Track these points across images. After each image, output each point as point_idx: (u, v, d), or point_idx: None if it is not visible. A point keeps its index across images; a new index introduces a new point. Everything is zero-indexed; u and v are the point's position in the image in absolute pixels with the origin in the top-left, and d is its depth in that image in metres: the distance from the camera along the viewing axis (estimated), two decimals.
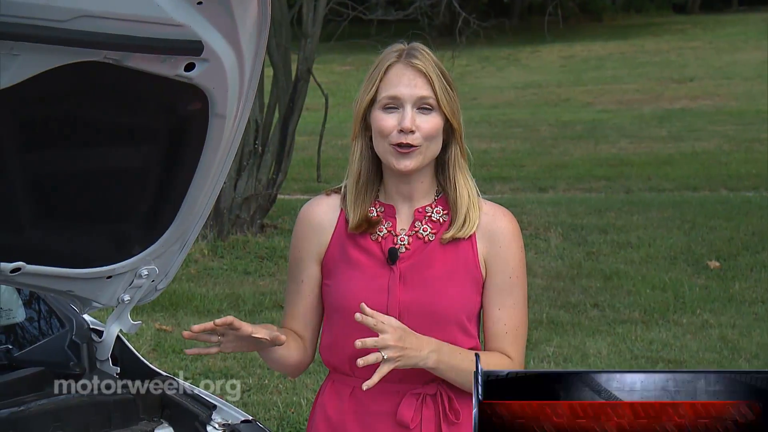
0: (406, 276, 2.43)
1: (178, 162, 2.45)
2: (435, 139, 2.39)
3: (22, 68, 1.96)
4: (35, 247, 2.42)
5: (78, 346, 2.74)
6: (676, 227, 11.04)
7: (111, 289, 2.64)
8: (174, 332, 7.47)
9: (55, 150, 2.30)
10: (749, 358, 6.81)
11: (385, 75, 2.39)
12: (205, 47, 2.10)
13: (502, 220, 2.51)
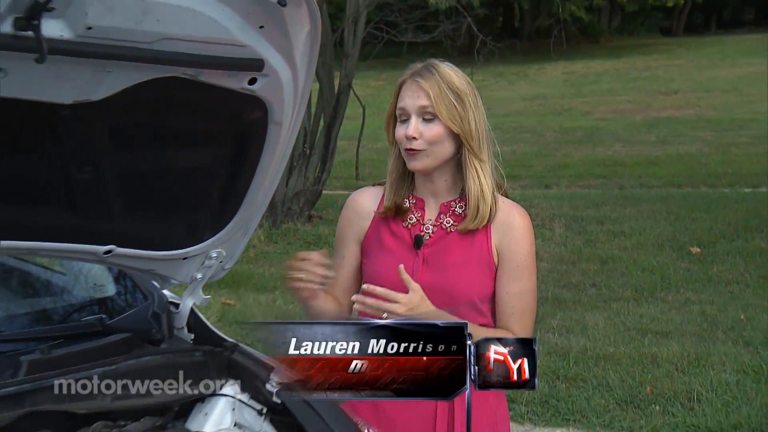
0: (428, 260, 2.45)
1: (242, 162, 2.46)
2: (439, 144, 2.40)
3: (114, 83, 1.98)
4: (124, 233, 2.43)
5: (159, 316, 2.75)
6: (663, 218, 10.98)
7: (186, 269, 2.65)
8: (236, 306, 7.51)
9: (140, 151, 2.31)
10: (725, 330, 6.75)
11: (400, 91, 2.44)
12: (265, 64, 2.12)
13: (516, 216, 2.51)
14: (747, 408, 5.28)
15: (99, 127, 2.14)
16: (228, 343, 2.71)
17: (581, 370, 5.90)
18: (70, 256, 2.55)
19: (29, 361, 2.33)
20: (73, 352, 2.46)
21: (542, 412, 5.34)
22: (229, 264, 2.73)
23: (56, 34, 1.75)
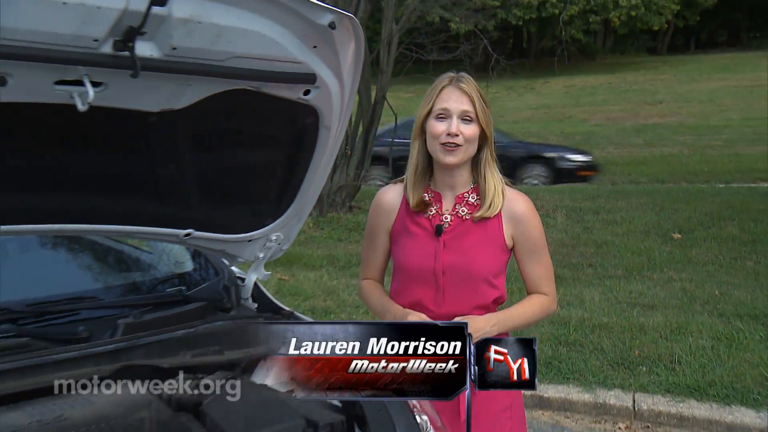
0: (448, 244, 2.44)
1: (297, 160, 2.46)
2: (472, 143, 2.40)
3: (193, 94, 2.01)
4: (201, 219, 2.46)
5: (228, 288, 2.74)
6: (649, 209, 10.90)
7: (250, 249, 2.67)
8: (290, 281, 7.56)
9: (213, 151, 2.32)
10: (702, 303, 6.71)
11: (439, 94, 2.41)
12: (317, 78, 2.14)
13: (520, 203, 2.51)
14: (720, 369, 5.26)
15: (180, 131, 2.16)
16: (285, 311, 2.72)
17: (579, 337, 5.89)
18: (156, 238, 2.56)
19: (125, 324, 2.34)
20: (159, 317, 2.47)
21: (546, 371, 5.33)
22: (285, 245, 2.73)
23: (147, 54, 1.79)
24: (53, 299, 2.45)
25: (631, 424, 4.86)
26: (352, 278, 7.79)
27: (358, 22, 2.10)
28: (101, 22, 1.67)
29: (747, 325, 6.10)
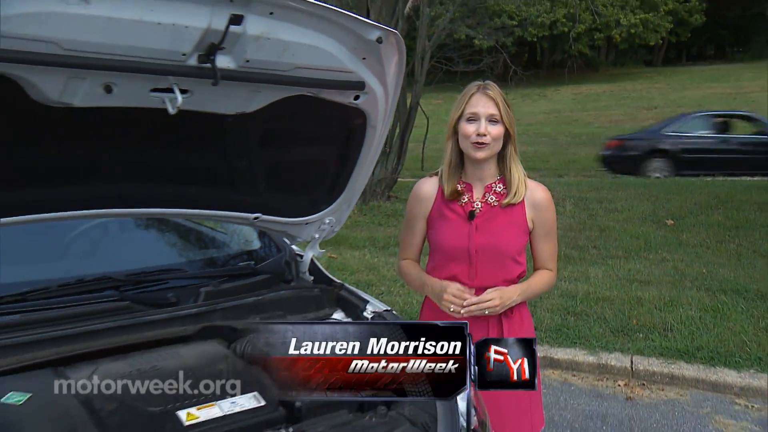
0: (479, 227, 2.43)
1: (348, 155, 2.46)
2: (498, 141, 2.39)
3: (262, 99, 2.02)
4: (267, 205, 2.46)
5: (289, 263, 2.77)
6: (646, 199, 10.77)
7: (308, 230, 2.67)
8: (338, 259, 7.60)
9: (278, 147, 2.32)
10: (691, 280, 6.63)
11: (469, 100, 2.39)
12: (366, 85, 2.14)
13: (540, 192, 2.50)
14: (706, 336, 5.21)
15: (251, 131, 2.17)
16: (336, 283, 2.72)
17: (585, 308, 5.85)
18: (230, 221, 2.57)
19: (205, 291, 2.38)
20: (233, 287, 2.49)
21: (556, 337, 5.31)
22: (337, 228, 2.73)
23: (225, 66, 1.80)
24: (148, 270, 2.48)
25: (629, 381, 4.83)
26: (390, 257, 7.81)
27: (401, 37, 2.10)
28: (188, 40, 1.70)
29: (730, 299, 6.03)
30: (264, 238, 2.97)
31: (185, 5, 1.64)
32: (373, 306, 2.53)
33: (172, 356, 2.05)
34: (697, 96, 28.44)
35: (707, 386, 4.70)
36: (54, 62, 1.57)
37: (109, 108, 1.78)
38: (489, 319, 2.44)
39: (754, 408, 4.42)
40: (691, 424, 4.23)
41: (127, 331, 2.12)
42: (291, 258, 2.79)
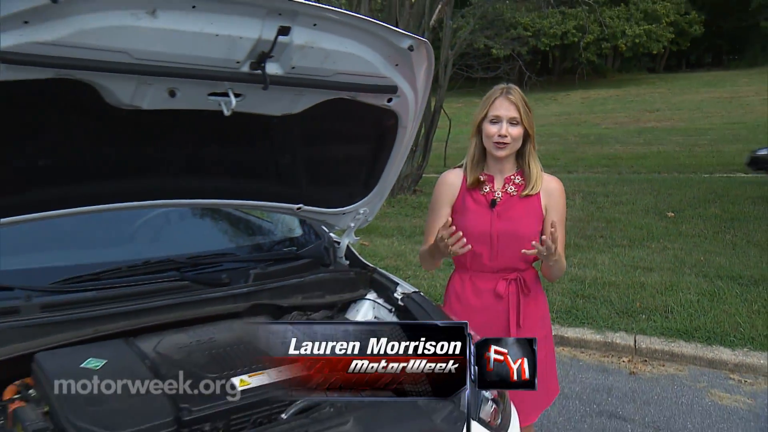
0: (500, 215, 2.43)
1: (381, 152, 2.45)
2: (518, 140, 2.39)
3: (306, 102, 2.03)
4: (308, 196, 2.46)
5: (327, 249, 2.77)
6: (648, 193, 10.64)
7: (344, 220, 2.66)
8: (369, 246, 7.62)
9: (319, 145, 2.32)
10: (690, 267, 6.53)
11: (493, 102, 2.38)
12: (398, 89, 2.13)
13: (554, 183, 2.50)
14: (704, 318, 5.15)
15: (295, 130, 2.17)
16: (369, 267, 2.71)
17: (593, 291, 5.81)
18: (275, 211, 2.58)
19: (254, 273, 2.39)
20: (278, 269, 2.50)
21: (566, 317, 5.28)
22: (370, 218, 2.72)
23: (273, 72, 1.81)
24: (204, 254, 2.50)
25: (632, 358, 4.79)
26: (416, 244, 7.81)
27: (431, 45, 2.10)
28: (242, 49, 1.71)
29: (726, 284, 5.95)
30: (305, 226, 2.97)
31: (240, 18, 1.65)
32: (402, 288, 2.52)
33: (226, 330, 2.08)
34: (696, 100, 27.95)
35: (704, 363, 4.65)
36: (126, 70, 1.59)
37: (173, 110, 1.80)
38: (509, 297, 2.44)
39: (747, 383, 4.38)
40: (689, 396, 4.19)
41: (187, 307, 2.15)
42: (329, 244, 2.79)
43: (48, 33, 1.43)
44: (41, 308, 1.93)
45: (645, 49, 38.62)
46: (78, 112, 1.71)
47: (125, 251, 2.46)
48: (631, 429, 3.77)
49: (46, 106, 1.64)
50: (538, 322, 2.52)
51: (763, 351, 4.64)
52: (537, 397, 2.52)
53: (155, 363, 1.82)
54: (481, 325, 2.41)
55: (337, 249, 2.77)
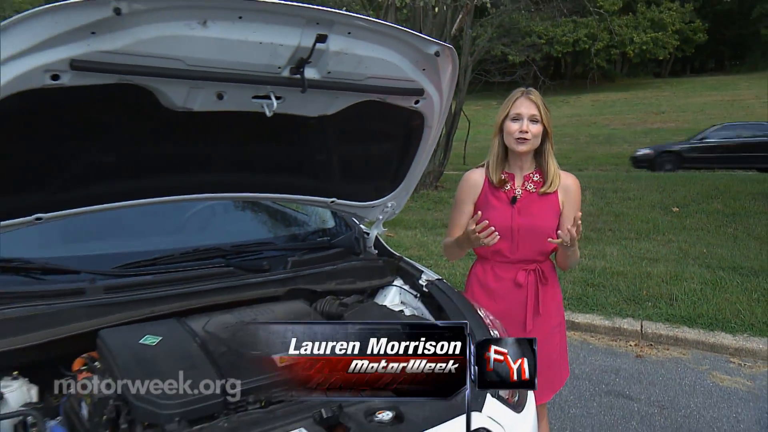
0: (520, 211, 2.40)
1: (408, 150, 2.43)
2: (538, 137, 2.37)
3: (340, 104, 2.03)
4: (340, 191, 2.47)
5: (358, 239, 2.77)
6: (655, 189, 10.52)
7: (373, 212, 2.65)
8: (394, 237, 7.62)
9: (351, 143, 2.31)
10: (694, 258, 6.47)
11: (514, 102, 2.37)
12: (425, 92, 2.12)
13: (570, 180, 2.47)
14: (706, 305, 5.09)
15: (330, 130, 2.16)
16: (396, 256, 2.70)
17: (602, 280, 5.76)
18: (311, 204, 2.57)
19: (292, 260, 2.41)
20: (313, 257, 2.51)
21: (577, 304, 5.25)
22: (397, 211, 2.70)
23: (311, 76, 1.81)
24: (246, 243, 2.52)
25: (639, 342, 4.75)
26: (437, 236, 7.80)
27: (456, 52, 2.09)
28: (283, 55, 1.72)
29: (727, 274, 5.88)
30: (337, 218, 2.97)
31: (281, 28, 1.65)
32: (426, 275, 2.50)
33: (267, 311, 2.09)
34: (700, 102, 27.55)
35: (706, 347, 4.60)
36: (180, 75, 1.61)
37: (220, 112, 1.81)
38: (528, 285, 2.43)
39: (747, 366, 4.32)
40: (692, 378, 4.14)
41: (232, 290, 2.16)
42: (359, 235, 2.79)
43: (112, 42, 1.46)
44: (105, 290, 1.97)
45: (652, 55, 38.09)
46: (137, 114, 1.73)
47: (177, 240, 2.48)
48: (637, 408, 3.74)
49: (109, 108, 1.67)
50: (554, 310, 2.50)
51: (762, 336, 4.58)
52: (551, 379, 2.51)
53: (204, 340, 1.85)
54: (501, 311, 2.42)
55: (367, 239, 2.77)
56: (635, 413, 3.68)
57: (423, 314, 2.39)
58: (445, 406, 1.73)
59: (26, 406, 1.67)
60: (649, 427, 3.52)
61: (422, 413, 1.68)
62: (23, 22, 1.37)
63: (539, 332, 2.44)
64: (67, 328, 1.82)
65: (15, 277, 1.97)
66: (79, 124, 1.67)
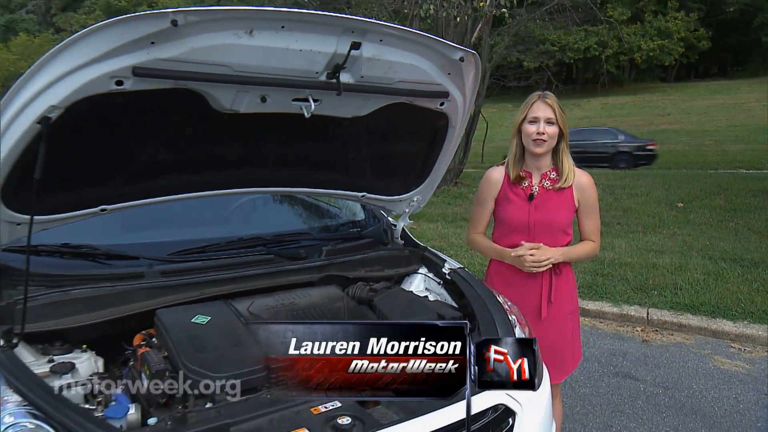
0: (537, 207, 2.37)
1: (433, 148, 2.42)
2: (554, 138, 2.33)
3: (371, 105, 2.03)
4: (371, 186, 2.47)
5: (386, 230, 2.77)
6: (660, 186, 10.36)
7: (400, 206, 2.65)
8: (417, 229, 7.60)
9: (381, 142, 2.30)
10: (697, 250, 6.34)
11: (531, 106, 2.33)
12: (450, 94, 2.10)
13: (585, 178, 2.43)
14: (709, 294, 5.00)
15: (362, 130, 2.17)
16: (421, 246, 2.69)
17: (611, 270, 5.69)
18: (343, 198, 2.58)
19: (326, 249, 2.41)
20: (345, 246, 2.51)
21: (587, 292, 5.19)
22: (422, 204, 2.69)
23: (346, 80, 1.81)
24: (285, 232, 2.53)
25: (645, 328, 4.68)
26: (456, 228, 7.77)
27: (479, 57, 2.07)
28: (320, 61, 1.72)
29: (729, 266, 5.76)
30: (366, 211, 2.97)
31: (319, 36, 1.66)
32: (449, 264, 2.49)
33: (304, 296, 2.12)
34: (703, 106, 27.03)
35: (708, 333, 4.52)
36: (228, 80, 1.63)
37: (263, 113, 1.83)
38: (543, 275, 2.40)
39: (746, 351, 4.24)
40: (695, 361, 4.08)
41: (272, 276, 2.18)
42: (387, 226, 2.79)
43: (168, 51, 1.48)
44: (160, 274, 2.01)
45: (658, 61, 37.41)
46: (189, 116, 1.75)
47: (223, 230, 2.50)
48: (643, 388, 3.70)
49: (166, 111, 1.69)
50: (567, 298, 2.47)
51: (762, 323, 4.49)
52: (564, 361, 2.49)
53: (248, 320, 1.88)
54: (518, 298, 2.39)
55: (394, 230, 2.76)
56: (641, 393, 3.63)
57: (446, 300, 2.39)
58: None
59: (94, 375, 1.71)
60: (654, 405, 3.48)
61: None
62: (92, 35, 1.40)
63: (553, 319, 2.42)
64: (129, 308, 1.86)
65: (83, 262, 2.02)
66: (138, 125, 1.71)
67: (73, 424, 1.34)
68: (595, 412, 3.40)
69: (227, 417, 1.47)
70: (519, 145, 2.42)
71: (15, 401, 1.37)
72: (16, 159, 1.54)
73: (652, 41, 35.63)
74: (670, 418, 3.33)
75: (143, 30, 1.42)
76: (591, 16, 14.32)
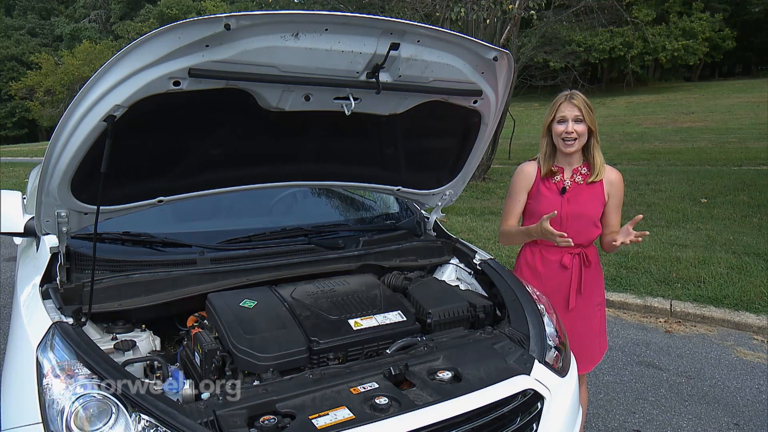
0: (569, 200, 2.35)
1: (465, 144, 2.40)
2: (583, 136, 2.29)
3: (408, 103, 2.02)
4: (406, 180, 2.46)
5: (419, 222, 2.76)
6: (684, 182, 10.04)
7: (433, 199, 2.64)
8: (447, 222, 7.57)
9: (416, 139, 2.29)
10: (721, 245, 6.15)
11: (559, 106, 2.30)
12: (483, 93, 2.08)
13: (614, 173, 2.40)
14: (732, 287, 4.84)
15: (399, 126, 2.16)
16: (453, 237, 2.68)
17: (635, 264, 5.56)
18: (379, 191, 2.58)
19: (363, 240, 2.44)
20: (381, 237, 2.53)
21: (612, 284, 5.09)
22: (454, 198, 2.67)
23: (384, 79, 1.80)
24: (325, 224, 2.56)
25: (668, 319, 4.57)
26: (484, 222, 7.70)
27: (512, 57, 2.04)
28: (361, 62, 1.72)
29: (752, 260, 5.56)
30: (401, 203, 2.97)
31: (360, 38, 1.66)
32: (480, 255, 2.48)
33: (343, 283, 2.14)
34: (727, 104, 26.03)
35: (731, 325, 4.39)
36: (275, 80, 1.64)
37: (307, 111, 1.84)
38: (573, 268, 2.37)
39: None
40: (717, 352, 3.97)
41: (313, 264, 2.21)
42: (420, 219, 2.79)
43: (221, 53, 1.50)
44: (211, 261, 2.05)
45: (683, 61, 36.25)
46: (239, 114, 1.78)
47: (268, 220, 2.54)
48: (666, 377, 3.62)
49: (218, 109, 1.72)
50: (595, 290, 2.44)
51: None
52: (592, 352, 2.46)
53: (291, 305, 1.91)
54: (547, 289, 2.38)
55: (427, 223, 2.76)
56: (664, 381, 3.56)
57: (477, 289, 2.37)
58: (499, 368, 1.73)
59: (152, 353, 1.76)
60: (677, 394, 3.40)
61: (478, 374, 1.68)
62: (152, 40, 1.43)
63: (581, 310, 2.38)
64: (182, 291, 1.91)
65: (141, 248, 2.08)
66: (193, 122, 1.74)
67: (137, 398, 1.38)
68: (619, 399, 3.35)
69: (273, 394, 1.50)
70: (549, 144, 2.39)
71: (85, 374, 1.42)
72: (84, 154, 1.59)
73: (677, 41, 34.53)
74: (693, 406, 3.26)
75: (199, 34, 1.44)
76: (617, 18, 13.96)
